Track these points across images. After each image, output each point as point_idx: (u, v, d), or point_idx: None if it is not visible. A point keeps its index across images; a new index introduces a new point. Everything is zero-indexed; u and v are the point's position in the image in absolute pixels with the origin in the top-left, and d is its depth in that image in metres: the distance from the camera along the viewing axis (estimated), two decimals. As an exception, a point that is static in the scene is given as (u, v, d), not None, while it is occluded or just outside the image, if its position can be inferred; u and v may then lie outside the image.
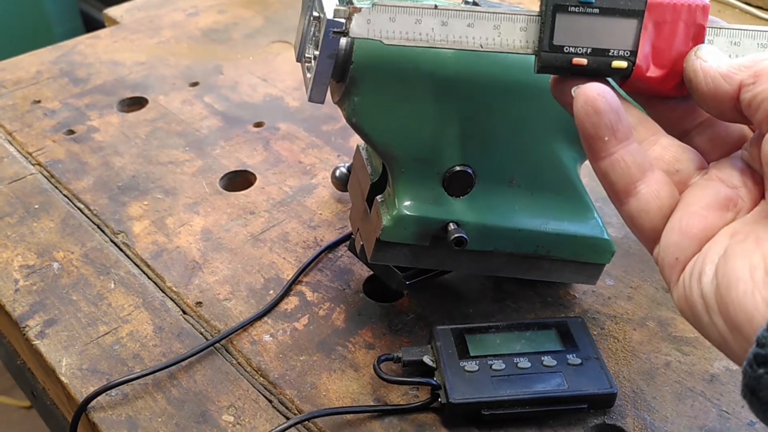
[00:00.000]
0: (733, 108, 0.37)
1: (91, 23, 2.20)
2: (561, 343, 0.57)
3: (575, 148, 0.58)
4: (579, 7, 0.40)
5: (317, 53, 0.49)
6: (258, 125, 0.87)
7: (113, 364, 0.59)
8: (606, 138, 0.38)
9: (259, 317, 0.63)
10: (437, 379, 0.55)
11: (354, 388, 0.57)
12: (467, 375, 0.55)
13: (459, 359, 0.56)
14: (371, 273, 0.66)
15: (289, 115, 0.88)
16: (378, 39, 0.42)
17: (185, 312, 0.64)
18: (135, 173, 0.79)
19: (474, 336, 0.58)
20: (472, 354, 0.56)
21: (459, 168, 0.54)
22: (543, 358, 0.56)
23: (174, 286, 0.66)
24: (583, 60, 0.40)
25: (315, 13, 0.50)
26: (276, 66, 0.99)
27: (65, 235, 0.71)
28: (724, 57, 0.39)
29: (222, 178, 0.79)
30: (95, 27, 1.21)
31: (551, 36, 0.40)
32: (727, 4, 1.11)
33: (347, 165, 0.74)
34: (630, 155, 0.38)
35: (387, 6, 0.42)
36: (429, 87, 0.51)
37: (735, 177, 0.38)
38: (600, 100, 0.38)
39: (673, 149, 0.40)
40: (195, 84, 0.94)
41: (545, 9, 0.40)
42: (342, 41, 0.49)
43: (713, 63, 0.38)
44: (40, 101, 0.91)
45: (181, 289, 0.65)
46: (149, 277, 0.67)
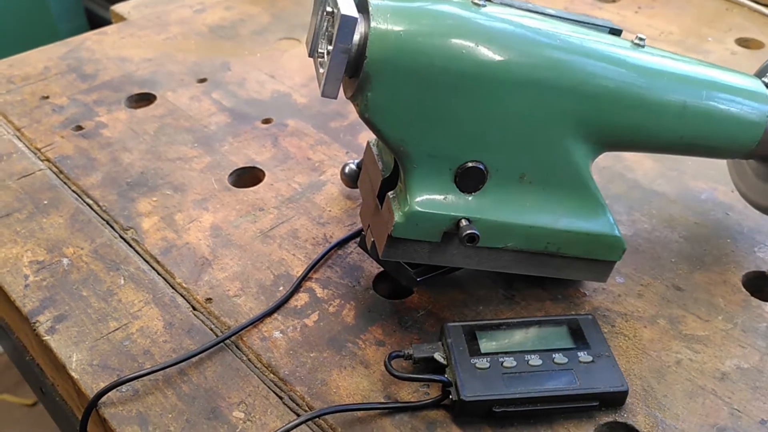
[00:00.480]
0: None
1: (96, 21, 2.20)
2: (572, 341, 0.57)
3: (587, 145, 0.57)
4: None
5: (330, 48, 0.49)
6: (266, 122, 0.87)
7: (123, 360, 0.59)
8: None
9: (269, 314, 0.62)
10: (448, 376, 0.55)
11: (364, 385, 0.57)
12: (478, 372, 0.54)
13: (470, 356, 0.55)
14: (381, 270, 0.66)
15: (297, 112, 0.88)
16: None
17: (195, 308, 0.64)
18: (143, 169, 0.79)
19: (485, 333, 0.57)
20: (483, 351, 0.56)
21: (471, 164, 0.54)
22: (554, 355, 0.56)
23: (184, 282, 0.66)
24: None
25: (328, 8, 0.50)
26: (283, 63, 0.98)
27: (75, 231, 0.71)
28: None
29: (231, 174, 0.78)
30: (99, 24, 1.21)
31: None
32: (735, 2, 1.11)
33: (356, 162, 0.74)
34: None
35: None
36: (443, 83, 0.51)
37: None
38: None
39: None
40: (203, 80, 0.94)
41: None
42: (356, 36, 0.49)
43: None
44: (48, 97, 0.91)
45: (191, 285, 0.65)
46: (159, 273, 0.67)
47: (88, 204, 0.75)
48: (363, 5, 0.51)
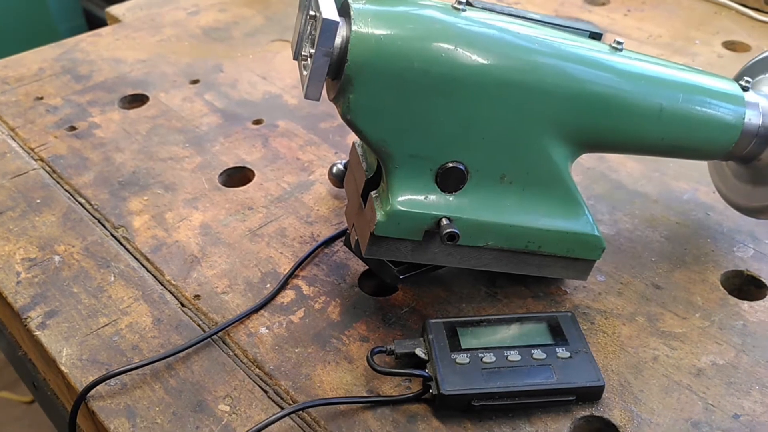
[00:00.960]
0: None
1: (95, 21, 2.21)
2: (551, 337, 0.59)
3: (566, 146, 0.59)
4: None
5: (313, 51, 0.50)
6: (257, 122, 0.88)
7: (113, 354, 0.60)
8: None
9: (256, 310, 0.64)
10: (429, 371, 0.56)
11: (348, 379, 0.58)
12: (458, 367, 0.56)
13: (451, 352, 0.57)
14: (367, 268, 0.67)
15: (288, 113, 0.90)
16: None
17: (183, 305, 0.65)
18: (135, 169, 0.80)
19: (466, 329, 0.59)
20: (463, 347, 0.57)
21: (452, 164, 0.56)
22: (533, 351, 0.57)
23: (173, 279, 0.67)
24: None
25: (311, 12, 0.51)
26: (275, 64, 1.00)
27: (66, 229, 0.73)
28: None
29: (221, 174, 0.80)
30: (98, 25, 1.22)
31: None
32: (724, 5, 1.12)
33: (344, 162, 0.75)
34: None
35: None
36: (423, 85, 0.52)
37: None
38: None
39: None
40: (195, 81, 0.96)
41: None
42: (337, 40, 0.50)
43: None
44: (42, 98, 0.92)
45: (180, 283, 0.67)
46: (149, 271, 0.68)
47: (80, 203, 0.76)
48: (345, 9, 0.52)
